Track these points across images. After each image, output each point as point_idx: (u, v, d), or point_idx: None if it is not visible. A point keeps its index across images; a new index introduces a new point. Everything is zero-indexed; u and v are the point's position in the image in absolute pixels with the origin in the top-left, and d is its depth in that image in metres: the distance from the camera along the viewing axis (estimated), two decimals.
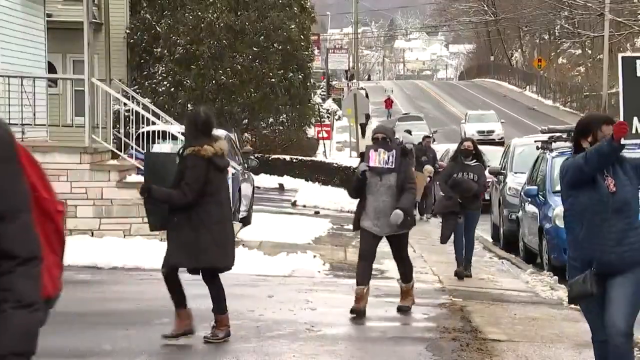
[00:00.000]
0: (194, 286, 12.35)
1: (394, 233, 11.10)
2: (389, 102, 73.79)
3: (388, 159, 10.92)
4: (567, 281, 7.04)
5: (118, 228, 15.78)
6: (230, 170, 17.56)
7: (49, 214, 3.38)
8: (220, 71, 34.38)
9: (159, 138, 17.21)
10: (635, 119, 6.48)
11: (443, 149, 33.57)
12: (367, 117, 57.94)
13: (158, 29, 34.91)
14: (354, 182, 11.29)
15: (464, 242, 14.72)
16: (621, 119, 6.19)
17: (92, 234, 15.67)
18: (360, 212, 11.14)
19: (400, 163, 10.97)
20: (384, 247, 11.50)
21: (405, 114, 64.22)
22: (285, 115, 37.62)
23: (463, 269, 14.58)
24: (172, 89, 34.48)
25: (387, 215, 10.90)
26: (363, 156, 11.27)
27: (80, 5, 20.51)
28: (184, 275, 9.47)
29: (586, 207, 6.89)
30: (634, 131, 6.64)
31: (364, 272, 11.11)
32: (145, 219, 16.17)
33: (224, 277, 9.48)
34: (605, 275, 6.91)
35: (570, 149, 17.29)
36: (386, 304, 11.93)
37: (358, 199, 11.30)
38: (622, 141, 6.67)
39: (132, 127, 17.52)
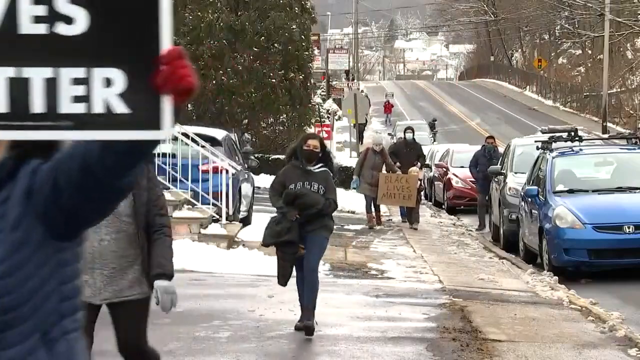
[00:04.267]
0: (193, 286, 12.37)
1: (120, 299, 6.16)
2: (388, 107, 73.14)
3: None
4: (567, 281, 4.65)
5: None
6: (231, 170, 17.62)
7: None
8: (221, 71, 34.39)
9: None
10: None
11: (443, 149, 33.55)
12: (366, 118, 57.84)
13: None
14: None
15: (303, 279, 10.07)
16: None
17: None
18: None
19: (148, 177, 6.12)
20: (382, 247, 11.46)
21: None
22: (285, 116, 37.63)
23: (307, 320, 9.70)
24: None
25: (108, 267, 6.09)
26: None
27: None
28: (186, 275, 9.45)
29: None
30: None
31: None
32: None
33: (223, 277, 9.47)
34: None
35: (570, 149, 17.51)
36: (386, 304, 11.93)
37: None
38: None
39: None
